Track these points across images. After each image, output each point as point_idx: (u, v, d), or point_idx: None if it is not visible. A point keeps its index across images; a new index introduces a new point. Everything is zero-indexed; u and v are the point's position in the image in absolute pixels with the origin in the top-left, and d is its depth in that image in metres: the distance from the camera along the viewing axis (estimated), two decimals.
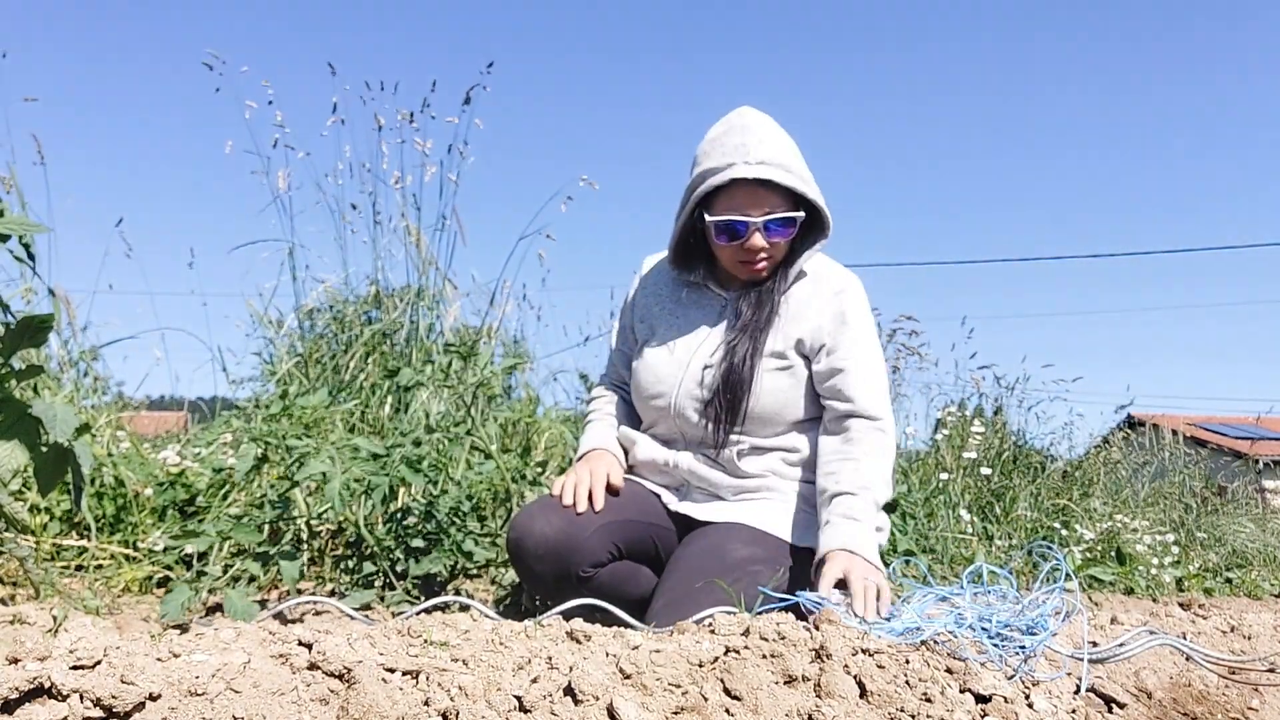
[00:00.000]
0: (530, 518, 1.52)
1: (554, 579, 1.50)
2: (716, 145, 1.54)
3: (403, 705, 0.84)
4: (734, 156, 1.50)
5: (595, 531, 1.51)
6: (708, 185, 1.51)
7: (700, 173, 1.54)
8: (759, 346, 1.59)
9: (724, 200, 1.52)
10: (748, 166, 1.48)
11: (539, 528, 1.50)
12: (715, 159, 1.52)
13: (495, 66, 3.72)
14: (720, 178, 1.49)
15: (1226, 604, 2.81)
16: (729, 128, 1.55)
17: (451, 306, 3.68)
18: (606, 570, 1.54)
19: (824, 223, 1.58)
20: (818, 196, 1.54)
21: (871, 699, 0.96)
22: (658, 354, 1.67)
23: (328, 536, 2.29)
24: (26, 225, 1.50)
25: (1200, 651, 1.22)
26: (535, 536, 1.49)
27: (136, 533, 2.22)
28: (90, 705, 0.78)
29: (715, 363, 1.60)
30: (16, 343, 1.42)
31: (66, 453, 1.45)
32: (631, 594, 1.58)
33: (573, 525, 1.50)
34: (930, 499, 3.47)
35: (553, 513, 1.52)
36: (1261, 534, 4.30)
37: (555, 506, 1.54)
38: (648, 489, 1.67)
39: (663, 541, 1.63)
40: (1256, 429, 14.02)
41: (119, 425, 2.79)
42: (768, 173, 1.48)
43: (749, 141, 1.51)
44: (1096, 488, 4.37)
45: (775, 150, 1.51)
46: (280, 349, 3.45)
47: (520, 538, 1.50)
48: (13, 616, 1.26)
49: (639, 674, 0.93)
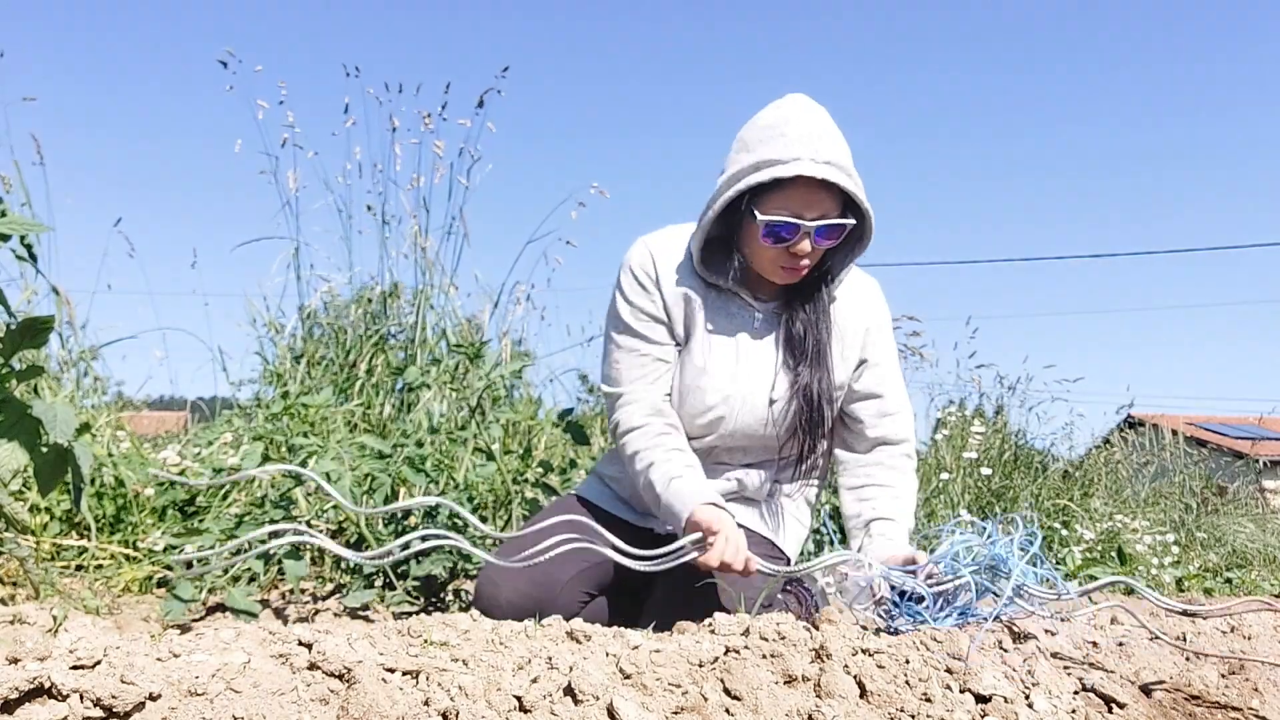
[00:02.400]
0: (494, 586, 1.42)
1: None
2: (775, 133, 1.35)
3: (403, 705, 0.84)
4: (799, 150, 1.32)
5: (565, 586, 1.45)
6: (766, 176, 1.33)
7: (755, 162, 1.35)
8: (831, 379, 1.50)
9: (778, 197, 1.35)
10: (814, 165, 1.31)
11: (505, 597, 1.41)
12: (775, 149, 1.33)
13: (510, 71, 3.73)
14: (784, 170, 1.31)
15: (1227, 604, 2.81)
16: (790, 118, 1.36)
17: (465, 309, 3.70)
18: (586, 611, 1.51)
19: (864, 233, 1.45)
20: (869, 207, 1.40)
21: (871, 699, 0.96)
22: (707, 373, 1.48)
23: (328, 536, 2.29)
24: (28, 225, 1.50)
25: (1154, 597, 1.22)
26: (503, 606, 1.40)
27: (136, 533, 2.22)
28: (90, 705, 0.78)
29: (781, 396, 1.48)
30: (17, 343, 1.42)
31: (66, 453, 1.45)
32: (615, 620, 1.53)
33: (540, 588, 1.42)
34: (930, 499, 3.47)
35: (517, 576, 1.41)
36: (1261, 534, 4.30)
37: (517, 570, 1.33)
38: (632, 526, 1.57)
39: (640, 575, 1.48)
40: (1257, 429, 14.01)
41: (119, 425, 2.79)
42: (834, 175, 1.32)
43: (814, 134, 1.34)
44: (1097, 488, 4.37)
45: (839, 150, 1.36)
46: (282, 349, 3.45)
47: (488, 609, 1.39)
48: (13, 616, 1.26)
49: (639, 674, 0.93)
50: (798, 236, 1.37)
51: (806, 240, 1.37)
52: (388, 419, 3.07)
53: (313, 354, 3.41)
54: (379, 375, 3.27)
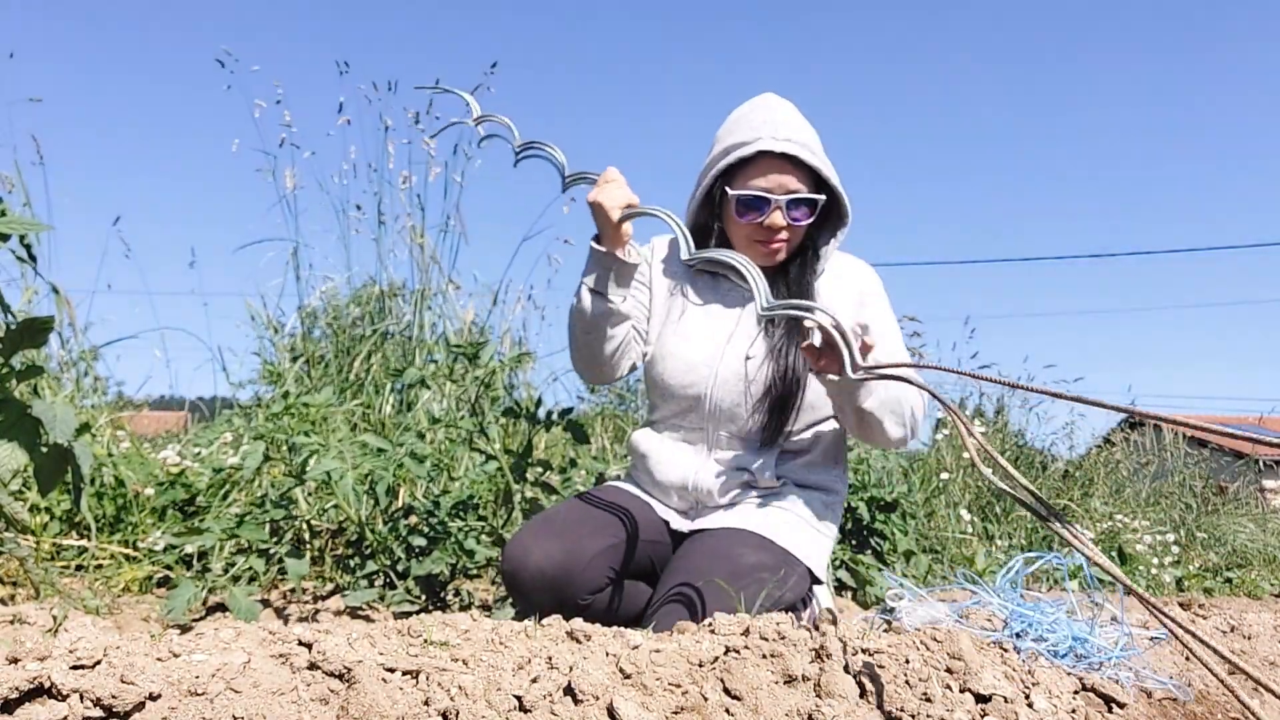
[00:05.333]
0: (525, 550, 1.45)
1: (551, 607, 1.43)
2: (741, 123, 1.52)
3: (403, 705, 0.84)
4: (761, 131, 1.48)
5: (593, 559, 1.45)
6: (732, 158, 1.49)
7: (723, 148, 1.51)
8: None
9: (746, 175, 1.49)
10: (774, 141, 1.46)
11: (534, 561, 1.43)
12: (740, 134, 1.50)
13: (499, 68, 3.73)
14: (746, 150, 1.47)
15: (1226, 604, 2.81)
16: (754, 107, 1.53)
17: (465, 309, 3.70)
18: (605, 594, 1.51)
19: (841, 214, 1.56)
20: (839, 183, 1.52)
21: (871, 699, 0.96)
22: (686, 343, 1.58)
23: (328, 536, 2.29)
24: (27, 224, 1.50)
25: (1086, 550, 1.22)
26: (531, 570, 1.43)
27: (136, 533, 2.22)
28: (90, 705, 0.78)
29: (759, 355, 1.54)
30: (17, 343, 1.42)
31: (66, 453, 1.45)
32: (631, 612, 1.55)
33: (570, 556, 1.44)
34: (931, 499, 3.47)
35: (549, 541, 1.45)
36: (1261, 534, 4.30)
37: (551, 532, 1.46)
38: (655, 511, 1.61)
39: (660, 560, 1.58)
40: (1257, 429, 13.99)
41: (119, 425, 2.79)
42: (794, 149, 1.46)
43: (776, 119, 1.49)
44: (1097, 488, 4.37)
45: (801, 131, 1.50)
46: (281, 348, 3.46)
47: (515, 570, 1.44)
48: (13, 616, 1.26)
49: (639, 674, 0.93)
50: (769, 210, 1.49)
51: (779, 213, 1.49)
52: (387, 418, 3.07)
53: (312, 353, 3.42)
54: (378, 375, 3.27)
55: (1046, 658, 1.09)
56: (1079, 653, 1.11)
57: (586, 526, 1.48)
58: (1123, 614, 1.19)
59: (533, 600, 1.44)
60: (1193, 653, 0.82)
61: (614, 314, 1.52)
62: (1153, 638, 1.19)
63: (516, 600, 1.50)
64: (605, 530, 1.49)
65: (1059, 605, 1.19)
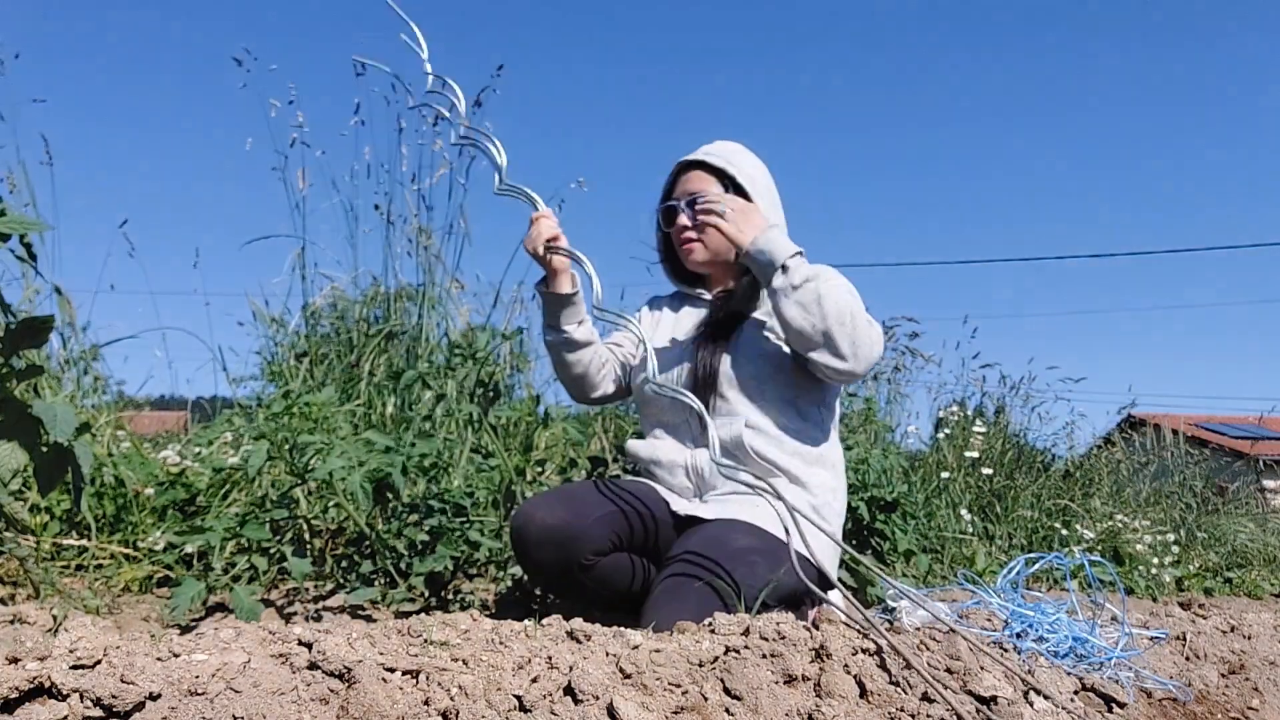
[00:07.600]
0: (534, 507, 1.56)
1: (556, 566, 1.52)
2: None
3: (403, 705, 0.84)
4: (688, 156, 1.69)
5: (597, 520, 1.53)
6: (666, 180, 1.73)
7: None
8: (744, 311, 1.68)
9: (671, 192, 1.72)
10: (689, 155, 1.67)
11: (541, 515, 1.53)
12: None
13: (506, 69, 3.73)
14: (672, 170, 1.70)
15: (1226, 604, 2.81)
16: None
17: (462, 309, 3.71)
18: (609, 559, 1.55)
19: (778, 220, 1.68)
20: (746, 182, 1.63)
21: (871, 699, 0.96)
22: (658, 352, 1.72)
23: (329, 535, 2.29)
24: (27, 224, 1.49)
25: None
26: (537, 523, 1.52)
27: (136, 533, 2.22)
28: (90, 705, 0.78)
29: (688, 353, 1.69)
30: (17, 343, 1.42)
31: (66, 453, 1.45)
32: (632, 587, 1.59)
33: (575, 515, 1.52)
34: (931, 498, 3.47)
35: (556, 503, 1.55)
36: (1261, 534, 4.29)
37: (556, 497, 1.57)
38: (659, 491, 1.68)
39: (663, 538, 1.63)
40: (1258, 429, 13.99)
41: (119, 425, 2.79)
42: (698, 155, 1.66)
43: (708, 146, 1.70)
44: (1098, 487, 4.36)
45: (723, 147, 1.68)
46: (284, 347, 3.46)
47: (523, 524, 1.53)
48: (13, 616, 1.26)
49: (639, 673, 0.93)
50: (679, 214, 1.68)
51: (682, 215, 1.68)
52: (390, 418, 3.07)
53: (315, 353, 3.42)
54: (381, 375, 3.27)
55: (1046, 658, 1.09)
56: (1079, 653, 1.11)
57: (591, 494, 1.58)
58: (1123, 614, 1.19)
59: (536, 558, 1.53)
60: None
61: (570, 341, 1.72)
62: (1153, 637, 1.19)
63: (522, 561, 1.58)
64: (609, 499, 1.58)
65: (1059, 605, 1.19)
